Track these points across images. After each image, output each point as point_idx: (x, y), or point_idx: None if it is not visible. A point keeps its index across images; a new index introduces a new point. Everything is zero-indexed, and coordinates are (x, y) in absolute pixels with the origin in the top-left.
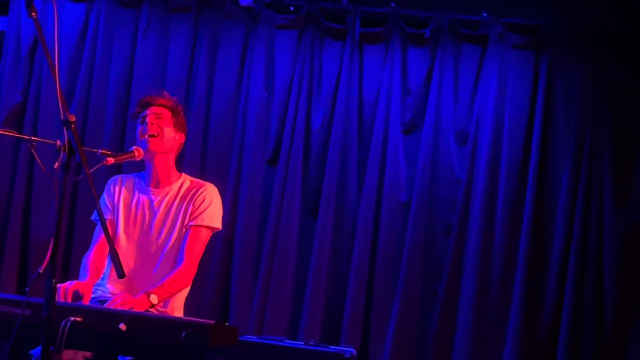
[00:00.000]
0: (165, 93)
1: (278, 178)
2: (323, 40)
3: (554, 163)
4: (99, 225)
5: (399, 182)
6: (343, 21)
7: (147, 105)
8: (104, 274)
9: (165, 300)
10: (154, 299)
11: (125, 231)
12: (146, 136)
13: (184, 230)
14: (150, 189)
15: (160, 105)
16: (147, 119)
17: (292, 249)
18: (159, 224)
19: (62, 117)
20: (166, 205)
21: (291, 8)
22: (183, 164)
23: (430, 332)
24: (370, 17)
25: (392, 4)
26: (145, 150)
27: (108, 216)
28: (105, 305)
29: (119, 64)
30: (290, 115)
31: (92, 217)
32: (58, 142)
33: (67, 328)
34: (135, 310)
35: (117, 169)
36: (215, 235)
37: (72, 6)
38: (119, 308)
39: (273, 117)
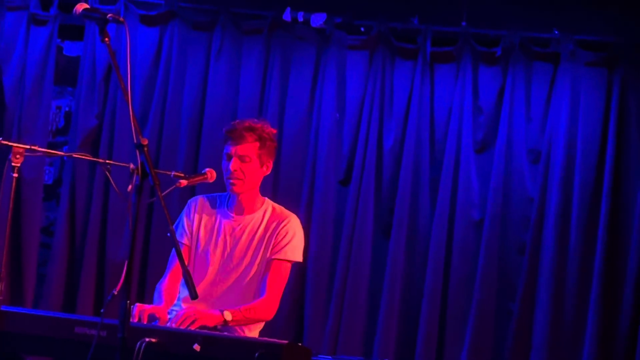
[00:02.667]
0: (253, 124)
1: (350, 198)
2: (394, 60)
3: (627, 180)
4: (173, 251)
5: (472, 200)
6: (414, 41)
7: (233, 143)
8: (179, 296)
9: (239, 324)
10: (227, 315)
11: (205, 256)
12: (230, 178)
13: (265, 263)
14: (233, 215)
15: (247, 144)
16: (231, 164)
17: (365, 269)
18: (241, 253)
19: (135, 141)
20: (248, 234)
21: (362, 29)
22: None
23: (505, 352)
24: (441, 36)
25: (463, 23)
26: (230, 190)
27: (184, 240)
28: (172, 317)
29: (192, 87)
30: (362, 135)
31: (169, 234)
32: (131, 165)
33: (142, 349)
34: (202, 322)
35: (191, 191)
36: None
37: (145, 30)
38: (185, 319)
39: (345, 138)
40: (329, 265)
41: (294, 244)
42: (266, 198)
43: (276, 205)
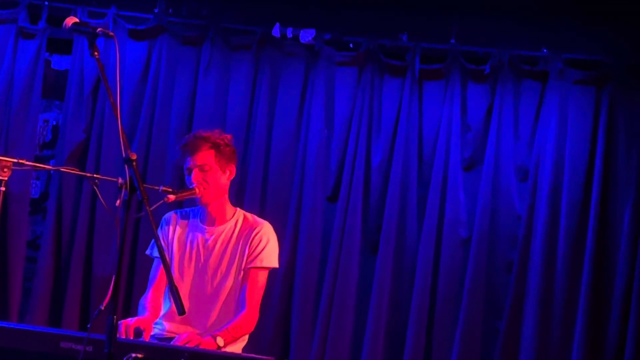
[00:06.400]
0: (204, 133)
1: (338, 214)
2: (383, 77)
3: (615, 198)
4: (155, 265)
5: (459, 218)
6: (403, 58)
7: (190, 154)
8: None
9: (229, 345)
10: (220, 341)
11: (180, 270)
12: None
13: (241, 273)
14: (205, 227)
15: (202, 152)
16: (192, 175)
17: (352, 286)
18: (214, 264)
19: (124, 155)
20: (221, 244)
21: (351, 45)
22: (244, 200)
23: None
24: (430, 53)
25: (452, 40)
26: (199, 202)
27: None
28: (172, 343)
29: (180, 101)
30: (350, 151)
31: (147, 252)
32: (120, 180)
33: None
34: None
35: (179, 206)
36: (276, 272)
37: (134, 45)
38: (186, 345)
39: (333, 154)
40: (316, 281)
41: (268, 250)
42: (238, 208)
43: (248, 213)
